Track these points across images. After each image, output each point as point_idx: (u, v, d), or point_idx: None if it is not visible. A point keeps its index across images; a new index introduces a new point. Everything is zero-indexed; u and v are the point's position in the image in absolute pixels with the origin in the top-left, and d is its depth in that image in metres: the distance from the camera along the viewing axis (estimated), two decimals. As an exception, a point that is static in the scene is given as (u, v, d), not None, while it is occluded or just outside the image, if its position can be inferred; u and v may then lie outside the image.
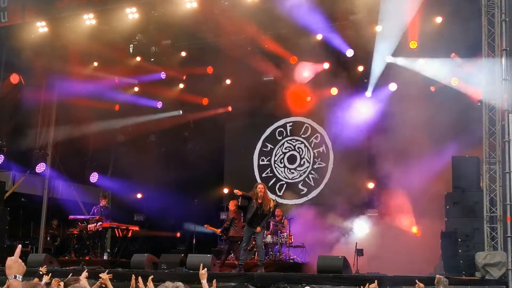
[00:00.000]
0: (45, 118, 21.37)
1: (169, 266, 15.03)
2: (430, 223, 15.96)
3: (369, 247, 15.60)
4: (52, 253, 18.91)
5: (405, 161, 17.30)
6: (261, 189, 14.52)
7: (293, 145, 21.17)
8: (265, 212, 14.48)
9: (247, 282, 13.19)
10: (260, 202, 14.45)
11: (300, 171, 20.88)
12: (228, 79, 21.11)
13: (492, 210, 12.74)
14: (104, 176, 22.50)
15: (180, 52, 20.39)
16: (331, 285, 12.46)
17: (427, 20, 16.95)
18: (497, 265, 12.02)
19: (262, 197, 14.49)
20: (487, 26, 13.34)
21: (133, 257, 16.04)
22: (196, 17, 17.37)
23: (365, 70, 19.14)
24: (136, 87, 21.78)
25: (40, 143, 21.26)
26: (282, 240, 17.88)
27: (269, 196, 15.11)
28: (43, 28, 18.30)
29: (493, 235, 12.65)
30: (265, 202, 14.52)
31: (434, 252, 14.55)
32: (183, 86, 21.81)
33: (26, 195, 20.90)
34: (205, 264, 14.41)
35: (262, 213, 14.47)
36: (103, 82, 20.81)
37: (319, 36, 18.43)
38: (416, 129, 17.54)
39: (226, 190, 21.39)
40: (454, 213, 13.80)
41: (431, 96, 17.62)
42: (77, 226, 19.59)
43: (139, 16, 17.76)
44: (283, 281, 12.90)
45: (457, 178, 14.06)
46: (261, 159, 21.59)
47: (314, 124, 20.86)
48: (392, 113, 18.11)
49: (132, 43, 19.06)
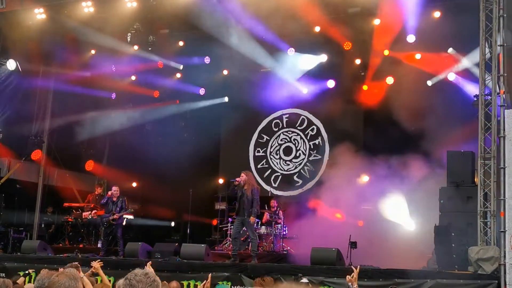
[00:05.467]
0: (41, 105, 21.37)
1: (163, 255, 15.09)
2: (424, 217, 16.01)
3: (363, 240, 15.62)
4: (46, 240, 18.94)
5: (400, 154, 17.35)
6: (241, 176, 14.93)
7: (289, 136, 21.20)
8: (248, 196, 14.63)
9: (240, 273, 13.25)
10: (245, 189, 14.66)
11: (295, 163, 20.92)
12: (225, 69, 21.09)
13: (486, 205, 12.76)
14: (100, 164, 22.52)
15: (178, 42, 20.34)
16: (324, 277, 12.54)
17: (425, 14, 16.93)
18: (490, 260, 12.05)
19: (244, 183, 14.71)
20: (485, 21, 13.32)
21: (127, 246, 16.08)
22: (194, 7, 17.32)
23: (362, 63, 19.18)
24: (133, 76, 21.75)
25: (36, 130, 21.25)
26: (276, 231, 17.93)
27: (253, 181, 15.27)
28: (41, 15, 18.21)
29: (486, 230, 12.67)
30: (248, 187, 14.72)
31: (427, 246, 14.59)
32: (180, 75, 21.78)
33: (21, 181, 20.91)
34: (198, 253, 14.59)
35: (246, 198, 14.63)
36: (100, 70, 20.79)
37: (317, 28, 18.40)
38: (412, 123, 17.61)
39: (221, 181, 21.44)
40: (448, 207, 13.81)
41: (428, 90, 17.66)
42: (71, 214, 19.64)
43: (137, 5, 17.70)
44: (277, 272, 12.96)
45: (451, 173, 14.07)
46: (257, 150, 21.61)
47: (310, 116, 20.89)
48: (389, 106, 18.14)
49: (130, 32, 18.98)
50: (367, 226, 17.53)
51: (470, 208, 13.28)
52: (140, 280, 4.54)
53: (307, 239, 16.71)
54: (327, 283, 12.44)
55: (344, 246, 14.95)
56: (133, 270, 4.61)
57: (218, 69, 21.06)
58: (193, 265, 13.88)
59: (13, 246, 18.50)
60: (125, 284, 4.55)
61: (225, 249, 17.72)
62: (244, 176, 14.97)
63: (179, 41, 20.31)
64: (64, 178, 21.85)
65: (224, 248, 17.98)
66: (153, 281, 4.60)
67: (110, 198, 17.42)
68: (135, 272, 4.59)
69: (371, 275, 12.42)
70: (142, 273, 4.60)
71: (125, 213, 17.43)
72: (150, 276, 4.61)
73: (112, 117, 22.05)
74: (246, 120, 21.68)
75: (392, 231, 16.86)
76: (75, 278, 5.14)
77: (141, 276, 4.57)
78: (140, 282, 4.54)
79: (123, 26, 18.62)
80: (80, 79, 20.48)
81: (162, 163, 20.83)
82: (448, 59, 17.39)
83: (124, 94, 21.73)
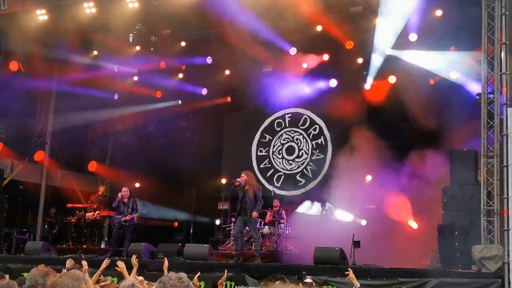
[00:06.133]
0: (44, 106, 21.41)
1: (167, 255, 15.01)
2: (427, 216, 16.00)
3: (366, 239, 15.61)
4: (49, 241, 18.94)
5: (403, 153, 17.36)
6: (242, 176, 14.91)
7: (292, 136, 21.19)
8: (251, 197, 14.61)
9: (243, 272, 13.25)
10: (247, 189, 14.63)
11: (298, 162, 20.91)
12: (227, 69, 21.11)
13: (489, 203, 12.76)
14: (103, 164, 22.53)
15: (180, 42, 20.33)
16: (328, 276, 12.52)
17: (427, 13, 16.92)
18: (494, 258, 12.05)
19: (245, 183, 14.70)
20: (487, 19, 13.32)
21: (131, 246, 16.09)
22: (196, 7, 17.33)
23: (364, 62, 19.14)
24: (136, 76, 21.76)
25: (39, 131, 21.29)
26: (280, 231, 17.93)
27: (254, 181, 15.24)
28: (43, 16, 18.24)
29: (489, 228, 12.68)
30: (249, 187, 14.70)
31: (431, 245, 14.59)
32: (182, 76, 21.79)
33: (25, 182, 20.91)
34: (202, 254, 14.59)
35: (248, 198, 14.61)
36: (102, 71, 20.81)
37: (319, 27, 18.39)
38: (415, 121, 17.59)
39: (224, 181, 21.43)
40: (451, 206, 13.82)
41: (430, 89, 17.64)
42: (75, 215, 19.65)
43: (139, 5, 17.72)
44: (280, 271, 12.97)
45: (454, 171, 14.07)
46: (260, 150, 21.61)
47: (313, 116, 20.88)
48: (391, 105, 18.14)
49: (132, 32, 18.99)
50: (370, 225, 17.52)
51: (473, 207, 13.29)
52: (174, 285, 4.55)
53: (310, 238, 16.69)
54: (331, 282, 12.44)
55: (348, 246, 14.93)
56: (167, 274, 4.62)
57: (220, 69, 21.07)
58: (196, 265, 13.86)
59: (17, 247, 18.53)
60: (158, 287, 4.56)
61: (228, 249, 17.72)
62: (245, 176, 14.95)
63: (181, 41, 20.30)
64: (67, 179, 21.86)
65: (227, 248, 17.98)
66: (187, 286, 4.60)
67: (121, 200, 17.48)
68: (169, 276, 4.60)
69: (375, 275, 12.40)
70: (176, 277, 4.60)
71: (136, 215, 17.45)
72: (184, 280, 4.61)
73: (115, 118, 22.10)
74: (249, 120, 21.71)
75: (396, 230, 16.83)
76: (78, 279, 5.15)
77: (175, 280, 4.58)
78: (174, 286, 4.54)
79: (125, 27, 18.63)
80: (83, 80, 20.47)
81: (165, 164, 20.85)
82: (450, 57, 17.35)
83: (126, 94, 21.72)
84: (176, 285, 4.54)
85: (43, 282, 5.61)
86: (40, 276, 5.66)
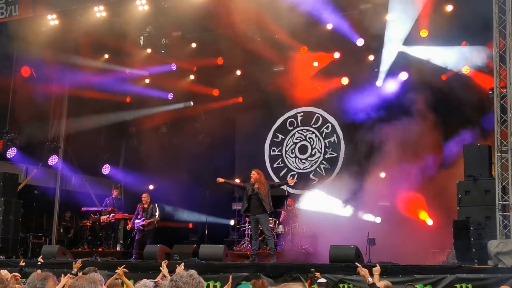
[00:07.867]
0: (56, 111, 21.47)
1: (182, 256, 15.09)
2: (442, 211, 15.95)
3: (381, 236, 15.58)
4: (65, 245, 19.00)
5: (416, 150, 17.31)
6: (253, 174, 14.79)
7: (304, 135, 21.18)
8: (263, 194, 14.56)
9: (259, 272, 13.24)
10: (257, 187, 14.58)
11: (311, 161, 20.90)
12: (238, 70, 21.14)
13: (504, 198, 12.70)
14: (116, 167, 22.61)
15: (191, 44, 20.35)
16: (344, 275, 12.49)
17: (437, 8, 16.88)
18: (510, 253, 11.98)
19: (255, 181, 14.64)
20: (498, 13, 13.25)
21: (146, 248, 16.16)
22: (206, 8, 17.35)
23: (375, 59, 19.11)
24: (147, 79, 21.84)
25: (52, 136, 21.38)
26: (294, 229, 17.93)
27: (263, 178, 15.16)
28: (54, 21, 18.33)
29: (505, 223, 12.62)
30: (260, 185, 14.65)
31: (446, 241, 14.53)
32: (193, 77, 21.86)
33: (39, 187, 21.04)
34: (217, 254, 14.61)
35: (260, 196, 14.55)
36: (114, 74, 20.88)
37: (329, 25, 18.36)
38: (427, 118, 17.54)
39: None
40: (466, 201, 13.75)
41: (443, 84, 17.59)
42: (89, 218, 19.71)
43: (149, 8, 17.78)
44: (295, 270, 12.95)
45: (468, 167, 14.00)
46: (272, 149, 21.61)
47: (325, 114, 20.86)
48: (403, 102, 18.09)
49: (143, 35, 19.04)
50: (385, 222, 17.49)
51: (488, 202, 13.23)
52: (186, 282, 4.59)
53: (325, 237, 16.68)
54: (346, 280, 12.41)
55: (363, 243, 14.90)
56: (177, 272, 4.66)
57: (232, 69, 21.10)
58: (212, 266, 13.90)
59: (33, 251, 18.64)
60: (171, 286, 4.59)
61: (243, 249, 17.74)
62: (256, 174, 14.89)
63: (191, 43, 20.33)
64: (81, 183, 21.96)
65: (242, 248, 17.99)
66: (199, 282, 4.65)
67: (141, 206, 17.74)
68: (180, 274, 4.64)
69: (390, 272, 12.35)
70: (188, 275, 4.64)
71: (151, 220, 17.65)
72: (195, 277, 4.66)
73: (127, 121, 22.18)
74: (261, 119, 21.71)
75: (410, 226, 16.78)
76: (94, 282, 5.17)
77: (186, 278, 4.62)
78: (186, 283, 4.58)
79: (136, 30, 18.70)
80: (95, 84, 20.54)
81: (178, 165, 20.89)
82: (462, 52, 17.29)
83: (138, 97, 21.79)
84: (188, 282, 4.58)
85: (42, 286, 5.68)
86: (39, 280, 5.75)
